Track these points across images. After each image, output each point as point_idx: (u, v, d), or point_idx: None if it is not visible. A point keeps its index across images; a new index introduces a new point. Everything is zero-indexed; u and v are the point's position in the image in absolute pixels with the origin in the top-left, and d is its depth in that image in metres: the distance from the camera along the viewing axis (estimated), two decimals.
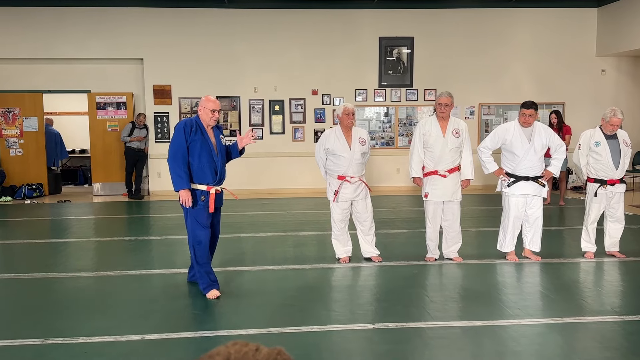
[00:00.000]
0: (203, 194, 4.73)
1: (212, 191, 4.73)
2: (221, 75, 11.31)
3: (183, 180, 4.61)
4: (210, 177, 4.73)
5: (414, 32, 11.49)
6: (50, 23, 10.98)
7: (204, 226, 4.78)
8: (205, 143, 4.70)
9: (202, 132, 4.71)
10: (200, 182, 4.74)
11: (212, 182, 4.75)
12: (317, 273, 5.54)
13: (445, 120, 5.69)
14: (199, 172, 4.70)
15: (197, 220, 4.75)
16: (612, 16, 11.31)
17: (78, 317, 4.32)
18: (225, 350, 0.83)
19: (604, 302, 4.63)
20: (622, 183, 5.89)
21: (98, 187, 11.54)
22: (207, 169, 4.71)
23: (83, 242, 7.16)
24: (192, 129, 4.66)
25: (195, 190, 4.72)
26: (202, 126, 4.73)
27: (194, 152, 4.66)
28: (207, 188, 4.74)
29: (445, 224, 5.82)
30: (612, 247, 6.03)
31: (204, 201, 4.73)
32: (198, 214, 4.75)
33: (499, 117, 11.79)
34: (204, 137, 4.70)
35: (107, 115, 11.34)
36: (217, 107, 4.72)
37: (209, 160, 4.71)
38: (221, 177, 4.82)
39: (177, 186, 4.63)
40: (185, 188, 4.61)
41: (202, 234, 4.78)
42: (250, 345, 0.85)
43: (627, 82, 11.99)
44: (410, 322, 4.15)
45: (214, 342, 3.81)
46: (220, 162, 4.80)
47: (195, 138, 4.66)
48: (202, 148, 4.68)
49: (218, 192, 4.82)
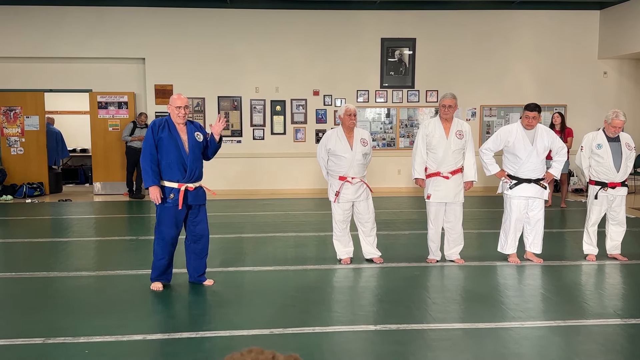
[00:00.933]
0: (172, 192, 4.74)
1: (182, 188, 4.73)
2: (223, 75, 11.31)
3: (150, 177, 4.69)
4: (178, 174, 4.74)
5: (416, 34, 11.48)
6: (52, 22, 10.98)
7: (170, 225, 4.79)
8: (172, 140, 4.73)
9: (170, 129, 4.75)
10: (170, 179, 4.76)
11: (182, 179, 4.75)
12: (318, 274, 5.54)
13: (449, 122, 5.68)
14: (166, 169, 4.74)
15: (163, 217, 4.79)
16: (614, 19, 11.31)
17: (79, 317, 4.31)
18: (240, 357, 0.82)
19: (605, 305, 4.63)
20: (624, 186, 5.89)
21: (99, 187, 11.54)
22: (175, 166, 4.73)
23: (84, 242, 7.16)
24: (160, 127, 4.75)
25: (165, 187, 4.76)
26: (171, 123, 4.78)
27: (162, 149, 4.73)
28: (178, 185, 4.74)
29: (448, 225, 5.82)
30: (614, 249, 6.02)
31: (172, 199, 4.73)
32: (165, 211, 4.78)
33: (500, 119, 11.78)
34: (170, 134, 4.74)
35: (109, 114, 11.34)
36: (182, 103, 4.75)
37: (177, 157, 4.73)
38: (193, 174, 4.80)
39: (146, 183, 4.74)
40: (152, 185, 4.69)
41: (166, 232, 4.80)
42: (266, 353, 0.83)
43: (629, 84, 11.98)
44: (412, 323, 4.14)
45: (215, 342, 3.80)
46: (192, 159, 4.78)
47: (162, 135, 4.73)
48: (169, 145, 4.71)
49: (191, 190, 4.80)
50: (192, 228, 4.95)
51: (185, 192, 4.75)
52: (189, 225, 4.95)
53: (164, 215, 4.80)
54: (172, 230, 4.83)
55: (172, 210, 4.77)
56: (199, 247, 4.99)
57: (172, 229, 4.82)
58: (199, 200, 4.90)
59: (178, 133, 4.77)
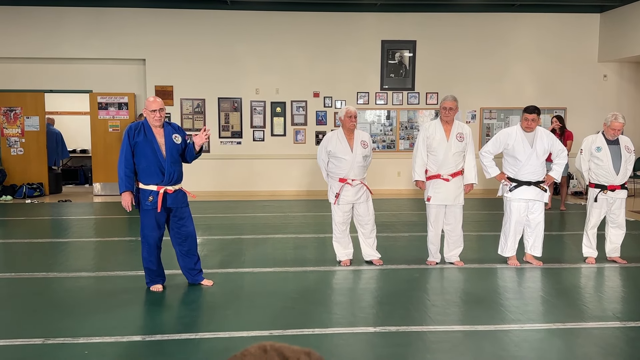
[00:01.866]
0: (152, 195, 4.73)
1: (160, 191, 4.72)
2: (223, 76, 11.31)
3: (123, 183, 4.69)
4: (156, 177, 4.73)
5: (416, 36, 11.49)
6: (52, 22, 10.99)
7: (152, 227, 4.79)
8: (148, 143, 4.71)
9: (146, 132, 4.73)
10: (148, 183, 4.75)
11: (161, 182, 4.74)
12: (318, 275, 5.54)
13: (450, 124, 5.69)
14: (144, 173, 4.73)
15: (145, 221, 4.79)
16: (614, 22, 11.33)
17: (79, 317, 4.31)
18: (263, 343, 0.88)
19: (605, 308, 4.63)
20: (624, 189, 5.89)
21: (98, 187, 11.54)
22: (153, 169, 4.72)
23: (83, 242, 7.15)
24: (136, 131, 4.73)
25: (144, 190, 4.74)
26: (147, 127, 4.76)
27: (138, 153, 4.72)
28: (157, 188, 4.73)
29: (447, 227, 5.82)
30: (613, 252, 6.02)
31: (151, 202, 4.72)
32: (146, 215, 4.78)
33: (500, 122, 11.79)
34: (146, 137, 4.72)
35: (109, 115, 11.34)
36: (157, 106, 4.72)
37: (154, 160, 4.72)
38: (171, 177, 4.78)
39: (119, 188, 4.73)
40: (125, 191, 4.68)
41: (149, 235, 4.80)
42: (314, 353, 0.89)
43: (629, 87, 11.99)
44: (412, 325, 4.15)
45: (214, 343, 3.80)
46: (169, 162, 4.76)
47: (138, 139, 4.72)
48: (145, 148, 4.70)
49: (170, 192, 4.79)
50: (177, 230, 4.93)
51: (164, 195, 4.75)
52: (173, 228, 4.93)
53: (145, 218, 4.80)
54: (154, 233, 4.81)
55: (152, 213, 4.76)
56: (185, 248, 4.98)
57: (154, 231, 4.81)
58: (180, 203, 4.88)
59: (154, 136, 4.75)
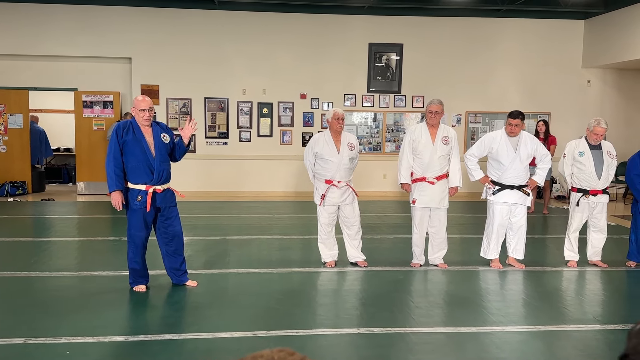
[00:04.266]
0: (140, 194, 4.71)
1: (150, 190, 4.70)
2: (210, 76, 11.28)
3: (114, 182, 4.64)
4: (145, 177, 4.71)
5: (403, 39, 11.55)
6: (37, 19, 10.87)
7: (140, 227, 4.76)
8: (137, 142, 4.69)
9: (135, 131, 4.71)
10: (136, 182, 4.72)
11: (150, 182, 4.73)
12: (302, 277, 5.54)
13: (435, 128, 5.73)
14: (133, 172, 4.70)
15: (132, 220, 4.76)
16: (598, 29, 11.48)
17: (61, 317, 4.27)
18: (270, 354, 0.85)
19: (586, 311, 4.69)
20: (605, 194, 5.97)
21: (82, 186, 11.43)
22: (142, 168, 4.70)
23: (66, 242, 7.09)
24: (125, 130, 4.70)
25: (133, 190, 4.72)
26: (135, 126, 4.74)
27: (127, 152, 4.69)
28: (146, 187, 4.72)
29: (432, 230, 5.86)
30: (595, 256, 6.10)
31: (140, 201, 4.70)
32: (134, 214, 4.75)
33: (485, 126, 11.88)
34: (135, 136, 4.70)
35: (94, 114, 11.25)
36: (146, 106, 4.71)
37: (143, 160, 4.70)
38: (160, 176, 4.77)
39: (109, 187, 4.69)
40: (115, 190, 4.64)
41: (136, 235, 4.77)
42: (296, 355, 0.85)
43: (612, 93, 12.16)
44: (395, 327, 4.17)
45: (197, 344, 3.79)
46: (159, 161, 4.75)
47: (127, 138, 4.69)
48: (134, 147, 4.68)
49: (159, 192, 4.77)
50: (164, 230, 4.91)
51: (153, 194, 4.73)
52: (160, 227, 4.91)
53: (133, 218, 4.77)
54: (141, 233, 4.79)
55: (140, 212, 4.73)
56: (171, 248, 4.96)
57: (141, 231, 4.79)
58: (168, 202, 4.86)
59: (143, 135, 4.73)
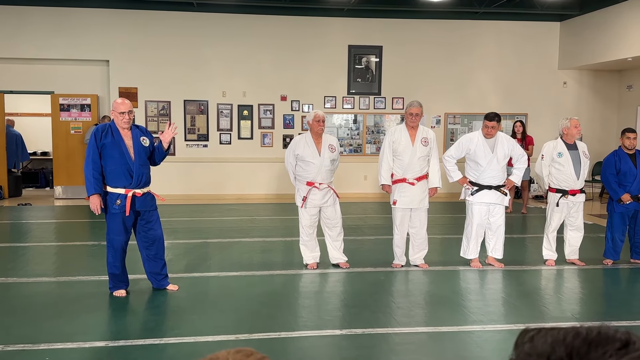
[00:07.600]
0: (119, 198, 4.67)
1: (129, 194, 4.66)
2: (189, 79, 11.21)
3: (92, 186, 4.59)
4: (124, 180, 4.67)
5: (382, 41, 11.62)
6: (12, 22, 10.71)
7: (119, 232, 4.72)
8: (115, 145, 4.65)
9: (114, 134, 4.68)
10: (115, 186, 4.68)
11: (129, 185, 4.69)
12: (284, 279, 5.54)
13: (415, 129, 5.78)
14: (111, 176, 4.66)
15: (112, 225, 4.72)
16: (574, 31, 11.67)
17: (40, 323, 4.21)
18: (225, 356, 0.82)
19: (564, 309, 4.76)
20: (582, 193, 6.08)
21: (60, 191, 11.28)
22: (121, 172, 4.65)
23: (44, 247, 6.99)
24: (104, 133, 4.66)
25: (112, 194, 4.67)
26: (114, 129, 4.70)
27: (106, 155, 4.65)
28: (125, 191, 4.67)
29: (413, 231, 5.90)
30: (572, 255, 6.20)
31: (119, 205, 4.66)
32: (113, 218, 4.71)
33: (464, 127, 12.00)
34: (114, 139, 4.66)
35: (71, 117, 11.11)
36: (126, 108, 4.67)
37: (122, 163, 4.66)
38: (140, 179, 4.73)
39: (87, 191, 4.64)
40: (93, 193, 4.59)
41: (115, 239, 4.73)
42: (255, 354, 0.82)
43: (588, 94, 12.37)
44: (377, 327, 4.19)
45: (179, 348, 3.77)
46: (138, 165, 4.71)
47: (106, 141, 4.65)
48: (113, 150, 4.64)
49: (139, 195, 4.73)
50: (144, 234, 4.86)
51: (132, 198, 4.69)
52: (140, 231, 4.86)
53: (112, 222, 4.72)
54: (121, 237, 4.74)
55: (120, 216, 4.68)
56: (152, 252, 4.91)
57: (121, 235, 4.73)
58: (148, 206, 4.82)
59: (122, 138, 4.69)
